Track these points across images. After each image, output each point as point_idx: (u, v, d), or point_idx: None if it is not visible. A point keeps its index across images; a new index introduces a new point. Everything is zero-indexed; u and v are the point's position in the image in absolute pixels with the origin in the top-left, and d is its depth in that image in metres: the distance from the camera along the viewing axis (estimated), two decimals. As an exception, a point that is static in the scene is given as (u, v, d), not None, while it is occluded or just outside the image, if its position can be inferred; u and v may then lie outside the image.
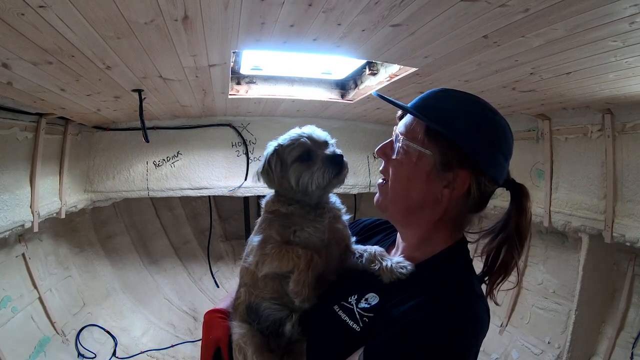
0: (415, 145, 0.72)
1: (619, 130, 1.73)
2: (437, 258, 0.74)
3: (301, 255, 0.76)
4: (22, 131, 1.77)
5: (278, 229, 0.82)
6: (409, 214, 0.76)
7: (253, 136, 2.66)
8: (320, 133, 0.88)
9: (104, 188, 2.44)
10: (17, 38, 0.92)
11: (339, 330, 0.70)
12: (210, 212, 3.41)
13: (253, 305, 0.83)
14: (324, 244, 0.81)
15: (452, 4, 0.83)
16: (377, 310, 0.69)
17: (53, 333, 2.20)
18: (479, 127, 0.70)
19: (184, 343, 2.76)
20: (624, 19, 0.83)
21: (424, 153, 0.72)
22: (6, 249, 1.99)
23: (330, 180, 0.81)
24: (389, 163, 0.77)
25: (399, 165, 0.74)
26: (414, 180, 0.73)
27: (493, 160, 0.71)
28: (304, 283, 0.74)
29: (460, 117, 0.71)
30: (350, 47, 1.15)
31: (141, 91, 1.59)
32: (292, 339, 0.79)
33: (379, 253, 0.78)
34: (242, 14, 0.90)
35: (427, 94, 0.77)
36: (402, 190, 0.75)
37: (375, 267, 0.75)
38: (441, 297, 0.66)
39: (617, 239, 1.72)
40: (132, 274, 3.01)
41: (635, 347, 1.82)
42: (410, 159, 0.73)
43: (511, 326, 2.50)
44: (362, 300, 0.72)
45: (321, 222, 0.82)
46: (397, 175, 0.75)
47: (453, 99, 0.75)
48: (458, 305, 0.65)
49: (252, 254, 0.82)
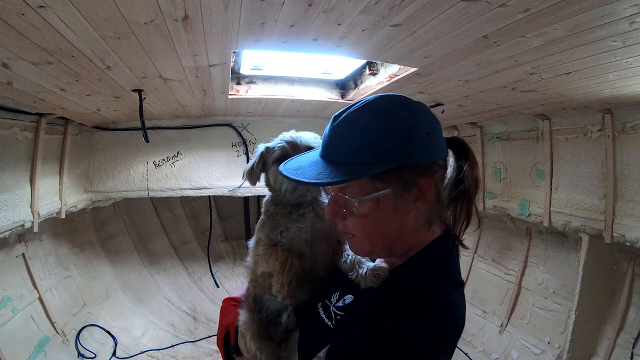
0: (373, 195, 0.65)
1: (619, 130, 1.73)
2: (413, 260, 0.72)
3: (278, 257, 0.81)
4: (22, 131, 1.78)
5: (267, 231, 0.87)
6: (395, 245, 0.71)
7: (253, 136, 2.66)
8: (307, 138, 0.87)
9: (104, 188, 2.44)
10: (17, 38, 0.92)
11: (317, 327, 0.74)
12: (210, 212, 3.41)
13: (257, 296, 0.90)
14: (307, 244, 0.85)
15: (452, 4, 0.83)
16: (348, 309, 0.72)
17: (53, 333, 2.20)
18: (406, 132, 0.64)
19: (184, 343, 2.76)
20: (624, 19, 0.83)
21: (383, 194, 0.66)
22: (6, 249, 1.99)
23: (296, 186, 0.83)
24: (347, 221, 0.70)
25: (363, 220, 0.68)
26: (385, 220, 0.68)
27: (435, 146, 0.68)
28: (282, 283, 0.80)
29: (385, 138, 0.63)
30: (350, 47, 1.15)
31: (141, 91, 1.59)
32: (289, 329, 0.85)
33: (357, 261, 0.79)
34: (242, 14, 0.90)
35: (329, 136, 0.67)
36: (378, 234, 0.69)
37: (353, 275, 0.77)
38: (410, 297, 0.64)
39: (617, 239, 1.73)
40: (132, 274, 3.02)
41: (635, 347, 1.82)
42: (372, 207, 0.66)
43: (511, 326, 2.50)
44: (341, 300, 0.75)
45: (303, 221, 0.85)
46: (366, 227, 0.69)
47: (358, 123, 0.65)
48: (421, 310, 0.62)
49: (250, 254, 0.91)
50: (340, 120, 0.66)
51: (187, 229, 3.46)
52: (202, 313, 3.05)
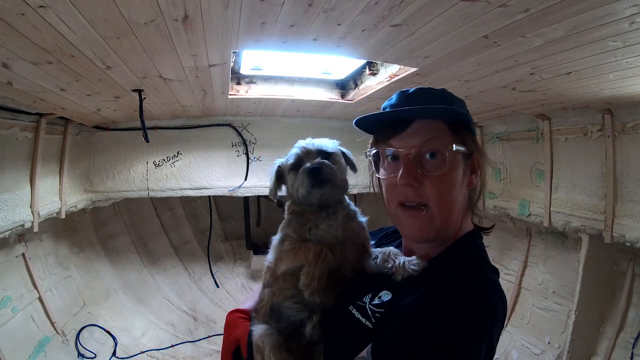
0: (461, 148, 0.68)
1: (619, 130, 1.72)
2: (449, 251, 0.73)
3: (311, 249, 0.79)
4: (22, 131, 1.77)
5: (295, 227, 0.86)
6: (449, 224, 0.71)
7: (253, 136, 2.66)
8: (319, 142, 0.89)
9: (104, 188, 2.44)
10: (17, 38, 0.92)
11: (352, 329, 0.71)
12: (210, 212, 3.41)
13: (276, 306, 0.85)
14: (337, 241, 0.84)
15: (452, 4, 0.83)
16: (388, 305, 0.69)
17: (53, 333, 2.20)
18: (459, 99, 0.73)
19: (184, 343, 2.76)
20: (624, 19, 0.83)
21: (459, 151, 0.68)
22: (6, 249, 1.99)
23: (309, 190, 0.83)
24: (424, 184, 0.68)
25: (445, 178, 0.68)
26: (457, 184, 0.69)
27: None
28: (312, 276, 0.77)
29: (452, 97, 0.72)
30: (350, 47, 1.15)
31: (141, 91, 1.59)
32: (312, 341, 0.80)
33: (393, 252, 0.78)
34: (242, 14, 0.90)
35: (402, 97, 0.74)
36: (451, 203, 0.70)
37: (389, 265, 0.76)
38: (450, 287, 0.64)
39: (617, 239, 1.72)
40: (132, 274, 3.01)
41: (635, 347, 1.82)
42: (451, 164, 0.68)
43: (511, 326, 2.50)
44: (376, 298, 0.72)
45: (334, 219, 0.85)
46: (444, 190, 0.68)
47: (426, 89, 0.74)
48: (470, 294, 0.62)
49: (272, 252, 0.87)
50: (418, 88, 0.73)
51: (187, 229, 3.46)
52: (202, 313, 3.05)
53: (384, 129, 0.75)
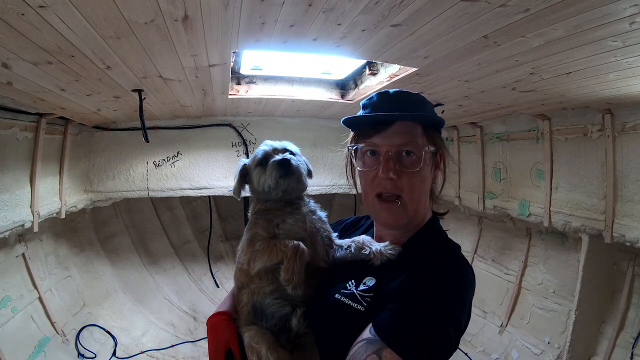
0: (432, 148, 0.79)
1: (619, 130, 1.72)
2: (418, 235, 0.83)
3: (288, 245, 0.82)
4: (22, 131, 1.78)
5: (263, 224, 0.88)
6: (419, 212, 0.82)
7: (253, 136, 2.66)
8: (283, 142, 0.95)
9: (104, 188, 2.44)
10: (17, 38, 0.92)
11: (344, 315, 0.74)
12: (210, 212, 3.42)
13: (257, 304, 0.85)
14: (307, 233, 0.88)
15: (452, 4, 0.83)
16: (375, 289, 0.75)
17: (53, 333, 2.20)
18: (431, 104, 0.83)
19: (184, 343, 2.76)
20: (624, 19, 0.83)
21: (430, 150, 0.79)
22: (6, 249, 1.99)
23: (278, 181, 0.87)
24: (402, 178, 0.78)
25: (418, 175, 0.78)
26: (426, 178, 0.80)
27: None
28: (293, 270, 0.80)
29: (425, 102, 0.82)
30: (350, 47, 1.15)
31: (141, 91, 1.59)
32: (300, 333, 0.82)
33: (367, 240, 0.85)
34: (242, 14, 0.90)
35: (383, 98, 0.82)
36: (421, 195, 0.80)
37: (366, 252, 0.82)
38: (431, 264, 0.74)
39: (617, 239, 1.72)
40: (132, 274, 3.02)
41: (635, 347, 1.82)
42: (425, 161, 0.78)
43: (511, 326, 2.50)
44: (361, 284, 0.77)
45: (299, 213, 0.90)
46: (416, 183, 0.79)
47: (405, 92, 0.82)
48: (446, 268, 0.74)
49: (243, 253, 0.87)
50: (397, 91, 0.82)
51: (187, 229, 3.46)
52: (202, 313, 3.05)
53: (366, 126, 0.83)
